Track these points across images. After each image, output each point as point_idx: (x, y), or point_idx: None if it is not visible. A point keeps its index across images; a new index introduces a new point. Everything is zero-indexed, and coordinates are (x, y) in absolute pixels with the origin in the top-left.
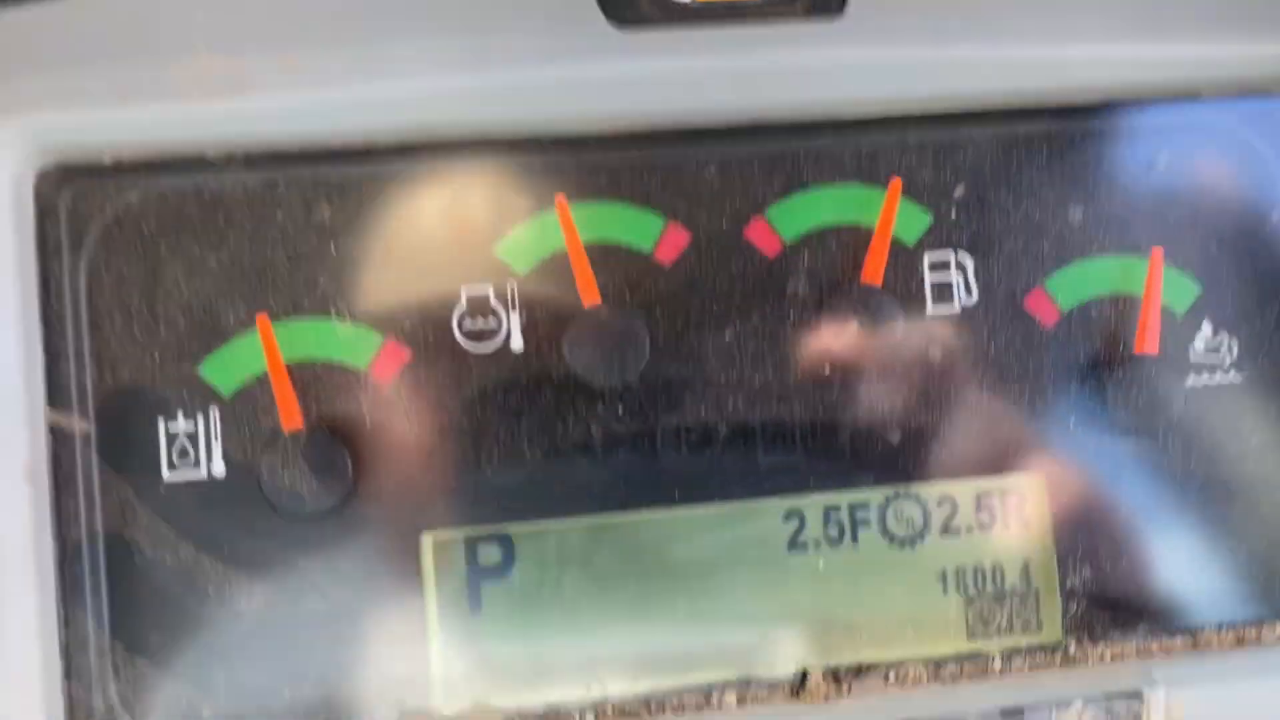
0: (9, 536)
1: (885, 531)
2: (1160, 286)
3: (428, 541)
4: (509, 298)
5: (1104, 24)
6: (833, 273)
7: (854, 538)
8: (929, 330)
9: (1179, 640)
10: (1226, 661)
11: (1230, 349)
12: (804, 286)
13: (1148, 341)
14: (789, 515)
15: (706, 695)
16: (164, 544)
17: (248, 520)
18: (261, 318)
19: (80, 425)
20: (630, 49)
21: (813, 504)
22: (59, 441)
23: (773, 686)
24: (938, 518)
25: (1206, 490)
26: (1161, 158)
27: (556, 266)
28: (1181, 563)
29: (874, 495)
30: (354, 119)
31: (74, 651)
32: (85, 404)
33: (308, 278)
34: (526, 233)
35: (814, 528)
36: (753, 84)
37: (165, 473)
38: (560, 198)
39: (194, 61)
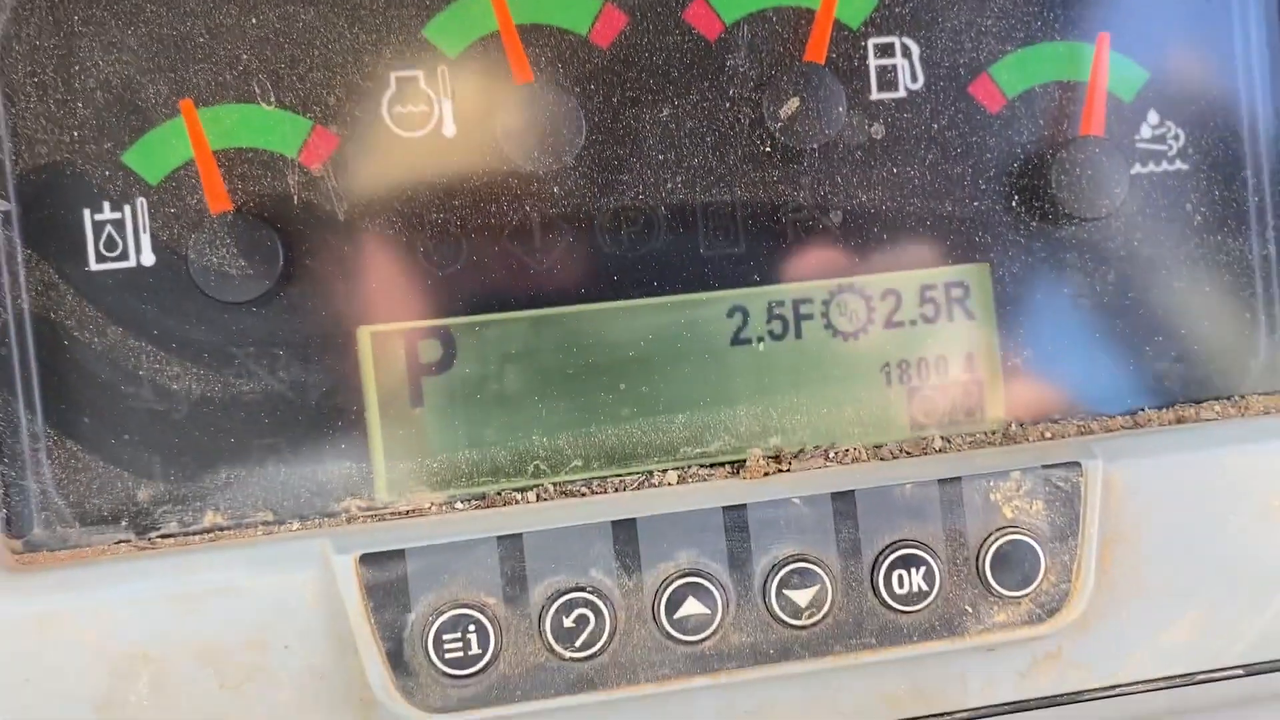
0: None
1: (828, 324)
2: (1106, 71)
3: (364, 335)
4: (440, 81)
5: None
6: (773, 53)
7: (798, 333)
8: (874, 114)
9: (1119, 419)
10: (1164, 437)
11: (1176, 137)
12: (744, 64)
13: (1094, 124)
14: (732, 310)
15: (647, 475)
16: (94, 330)
17: (180, 307)
18: (186, 104)
19: (1, 206)
20: None
21: (755, 297)
22: None
23: (714, 466)
24: (881, 309)
25: (1149, 276)
26: None
27: (488, 48)
28: (1123, 347)
29: (817, 289)
30: None
31: (4, 436)
32: (4, 182)
33: (231, 58)
34: (456, 13)
35: (757, 322)
36: None
37: (93, 263)
38: None
39: None
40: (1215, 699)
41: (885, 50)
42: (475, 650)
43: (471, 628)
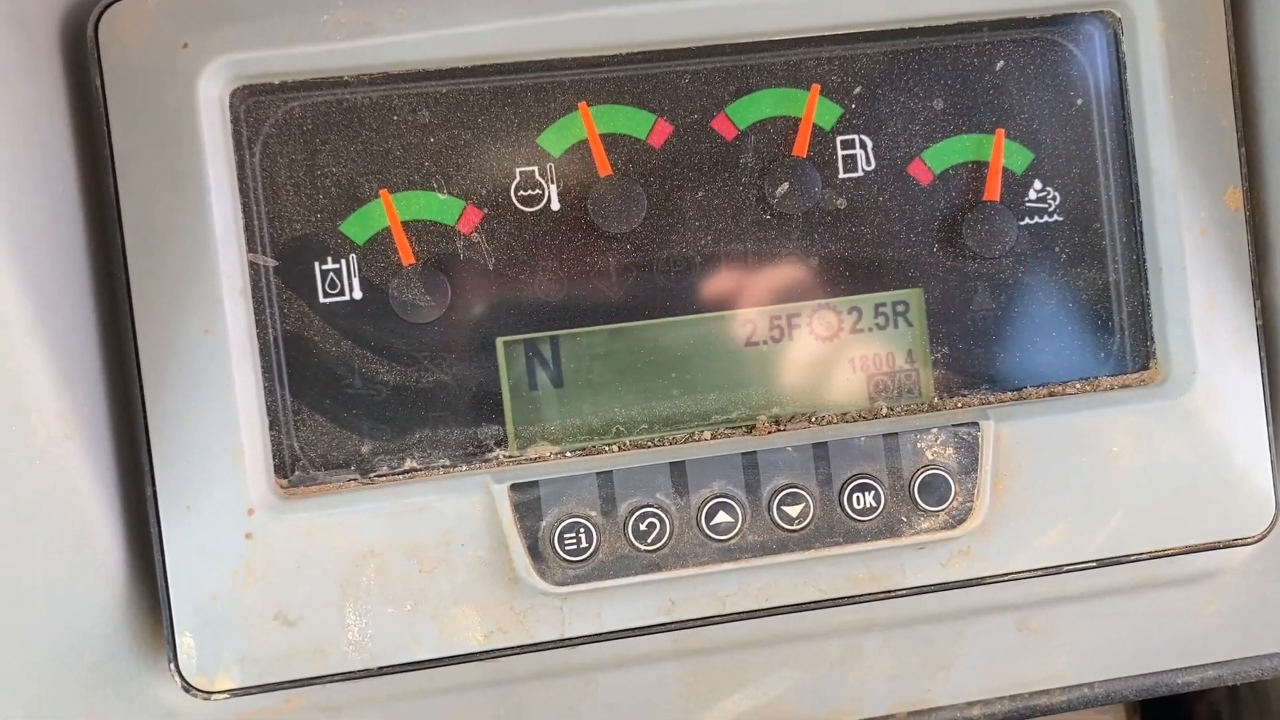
0: (234, 334)
1: (812, 332)
2: (1002, 155)
3: (500, 343)
4: (549, 173)
5: None
6: (772, 150)
7: (790, 337)
8: (840, 189)
9: (1009, 395)
10: (1039, 406)
11: (1054, 197)
12: (752, 161)
13: (993, 192)
14: (744, 322)
15: (691, 433)
16: (325, 340)
17: (381, 326)
18: (384, 192)
19: (267, 261)
20: None
21: (761, 313)
22: (256, 272)
23: (733, 428)
24: (848, 321)
25: (1032, 294)
26: (1000, 63)
27: (581, 151)
28: (1013, 345)
29: (803, 307)
30: (444, 50)
31: (272, 409)
32: (269, 247)
33: (415, 163)
34: (559, 128)
35: (761, 329)
36: (714, 16)
37: (322, 298)
38: (582, 104)
39: (335, 14)
40: (1076, 586)
41: (848, 144)
42: (584, 545)
43: (581, 531)
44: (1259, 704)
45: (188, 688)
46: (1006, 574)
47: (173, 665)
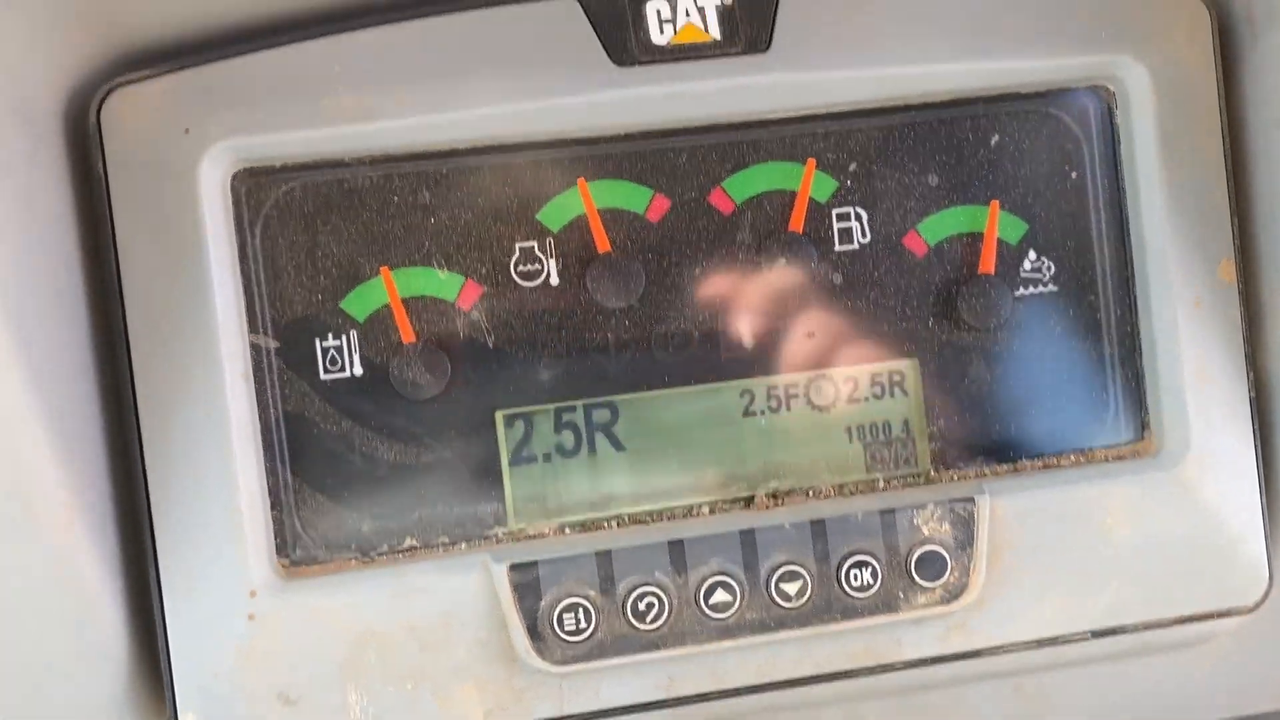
0: (236, 416)
1: (809, 402)
2: (997, 227)
3: (499, 416)
4: (548, 248)
5: (952, 49)
6: (769, 224)
7: (788, 407)
8: (836, 262)
9: (1004, 468)
10: (1034, 479)
11: (1049, 269)
12: (749, 235)
13: (988, 265)
14: (743, 393)
15: (690, 508)
16: (325, 418)
17: (381, 403)
18: (384, 269)
19: (269, 342)
20: (627, 79)
21: (759, 384)
22: (257, 353)
23: (733, 503)
24: (844, 391)
25: (1026, 365)
26: (995, 137)
27: (579, 226)
28: (1008, 416)
29: (801, 378)
30: (443, 133)
31: (274, 489)
32: (270, 328)
33: (415, 240)
34: (558, 204)
35: (760, 400)
36: (711, 98)
37: (322, 374)
38: (581, 180)
39: (336, 99)
40: (1072, 655)
41: (844, 217)
42: (583, 625)
43: (580, 610)
44: None
45: None
46: (1002, 645)
47: None
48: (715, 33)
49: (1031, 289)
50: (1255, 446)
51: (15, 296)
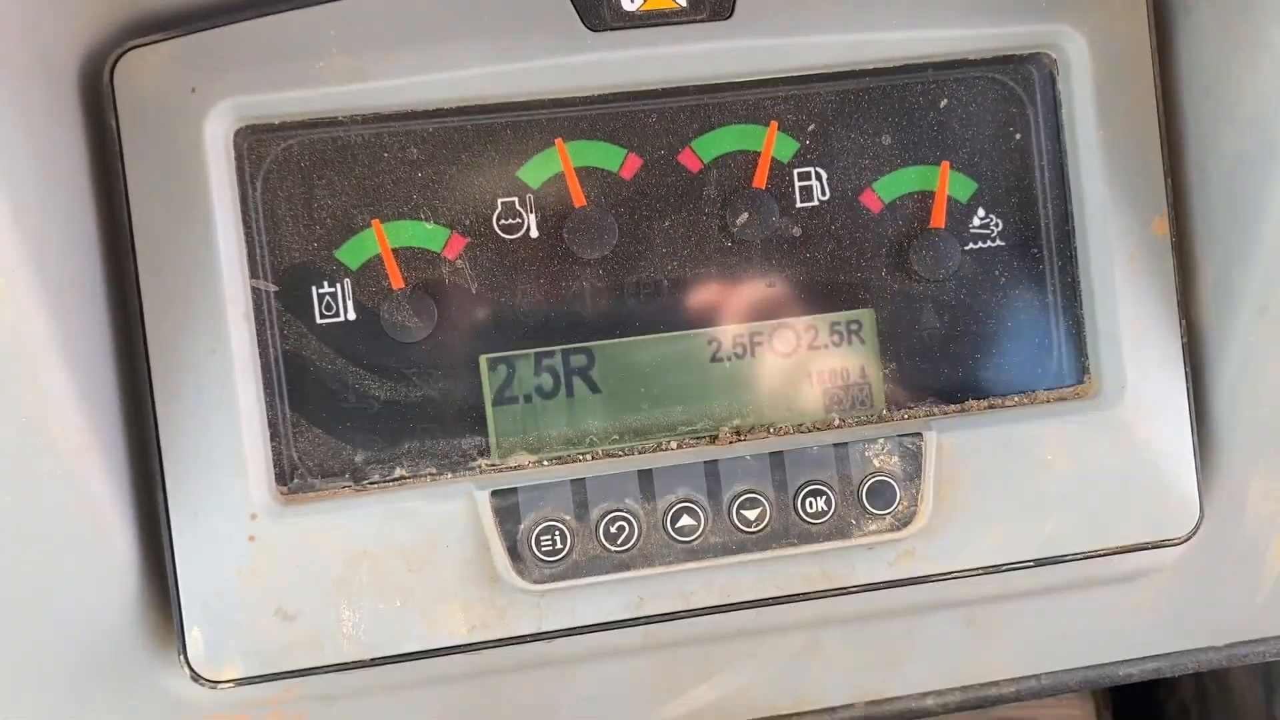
0: (238, 353)
1: (772, 348)
2: (947, 185)
3: (483, 360)
4: (528, 204)
5: (903, 17)
6: (734, 182)
7: (752, 353)
8: (797, 218)
9: (953, 408)
10: (980, 418)
11: (995, 224)
12: (715, 192)
13: (939, 220)
14: (709, 340)
15: (659, 444)
16: (321, 358)
17: (373, 345)
18: (375, 221)
19: (268, 287)
20: (599, 44)
21: (724, 332)
22: (258, 297)
23: (697, 438)
24: (805, 339)
25: (974, 313)
26: (944, 101)
27: (557, 183)
28: (958, 362)
29: (764, 326)
30: (430, 93)
31: (273, 422)
32: (269, 273)
33: (404, 194)
34: (538, 162)
35: (725, 347)
36: (678, 61)
37: (318, 319)
38: (559, 139)
39: (330, 61)
40: (1018, 585)
41: (804, 176)
42: (559, 546)
43: (556, 533)
44: (1225, 699)
45: (196, 678)
46: (950, 572)
47: (182, 657)
48: (681, 0)
49: (980, 243)
50: (1187, 389)
51: (38, 241)
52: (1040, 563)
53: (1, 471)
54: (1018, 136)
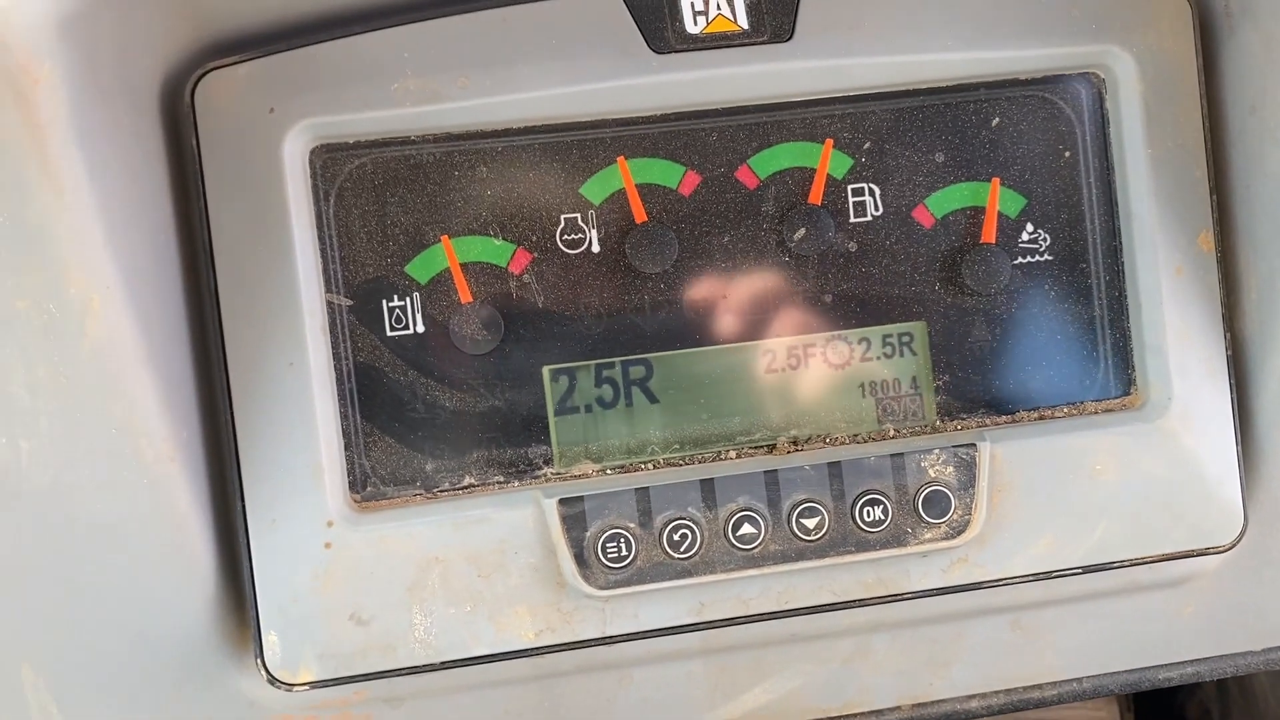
0: (315, 365)
1: (826, 360)
2: (998, 201)
3: (546, 371)
4: (590, 219)
5: (957, 39)
6: (790, 198)
7: (806, 365)
8: (852, 233)
9: (1003, 418)
10: (1030, 428)
11: (1044, 239)
12: (772, 208)
13: (989, 235)
14: (765, 352)
15: (718, 453)
16: (392, 369)
17: (441, 357)
18: (444, 237)
19: (342, 301)
20: (663, 66)
21: (780, 344)
22: (332, 310)
23: (756, 448)
24: (858, 351)
25: (1023, 326)
26: (996, 119)
27: (619, 199)
28: (1007, 373)
29: (818, 338)
30: (498, 114)
31: (347, 433)
32: (343, 288)
33: (472, 211)
34: (600, 179)
35: (780, 358)
36: (738, 82)
37: (389, 331)
38: (620, 157)
39: (404, 83)
40: (1064, 591)
41: (858, 192)
42: (624, 553)
43: (621, 540)
44: (1246, 701)
45: (272, 680)
46: (1001, 579)
47: (259, 660)
48: (743, 23)
49: (1029, 257)
50: (1231, 400)
51: (129, 259)
52: (1088, 569)
53: (92, 479)
54: (1067, 154)
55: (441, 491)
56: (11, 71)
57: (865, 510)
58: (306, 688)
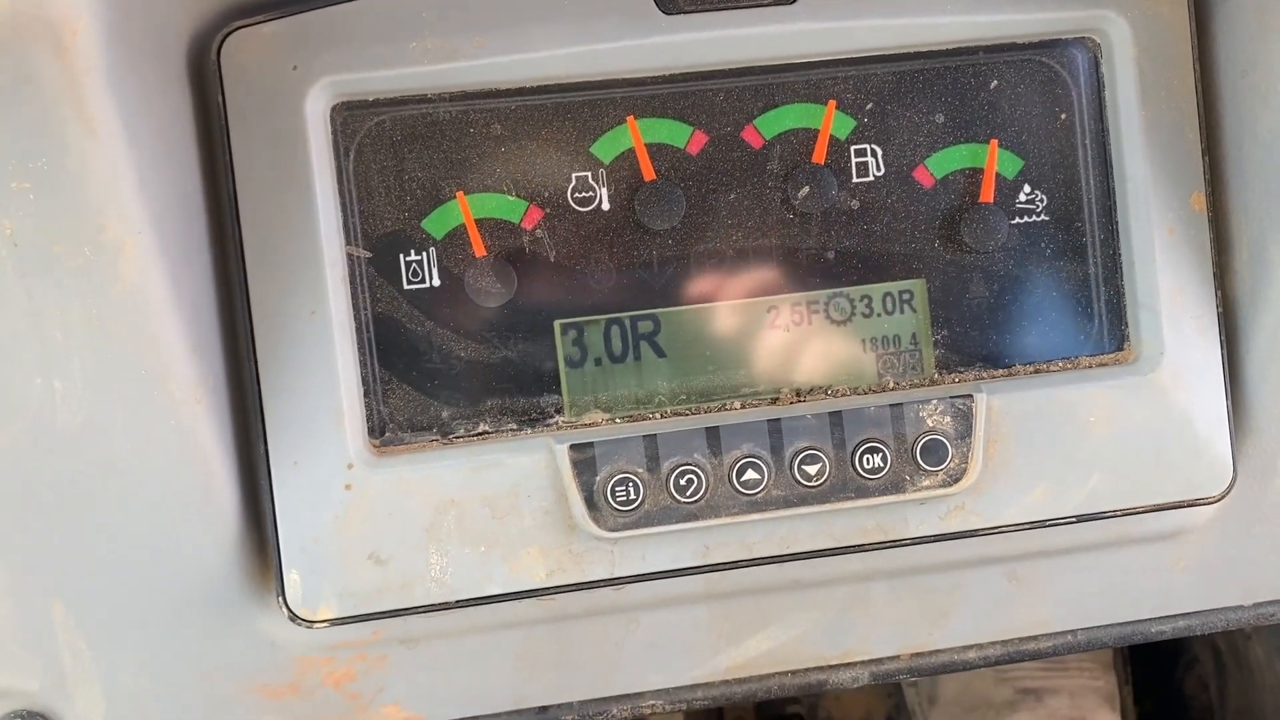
0: (336, 314)
1: (828, 317)
2: (996, 162)
3: (557, 325)
4: (600, 177)
5: (957, 3)
6: (794, 158)
7: (809, 321)
8: (854, 192)
9: (1000, 372)
10: (1026, 381)
11: (1041, 199)
12: (776, 167)
13: (987, 195)
14: (769, 308)
15: (723, 404)
16: (409, 321)
17: (456, 309)
18: (459, 193)
19: (362, 253)
20: (672, 26)
21: (784, 300)
22: (352, 262)
23: (760, 399)
24: (860, 307)
25: (1020, 283)
26: (994, 82)
27: (628, 158)
28: (1004, 329)
29: (821, 295)
30: (512, 73)
31: (366, 380)
32: (362, 241)
33: (487, 168)
34: (609, 138)
35: (784, 314)
36: (744, 43)
37: (405, 285)
38: (630, 117)
39: (422, 42)
40: (1058, 542)
41: (861, 153)
42: (632, 497)
43: (629, 485)
44: (1243, 675)
45: (293, 618)
46: (996, 527)
47: (280, 599)
48: None
49: (1026, 217)
50: (1222, 356)
51: (159, 207)
52: (1081, 518)
53: (121, 420)
54: (1063, 116)
55: (457, 437)
56: (54, 22)
57: (865, 458)
58: (326, 625)
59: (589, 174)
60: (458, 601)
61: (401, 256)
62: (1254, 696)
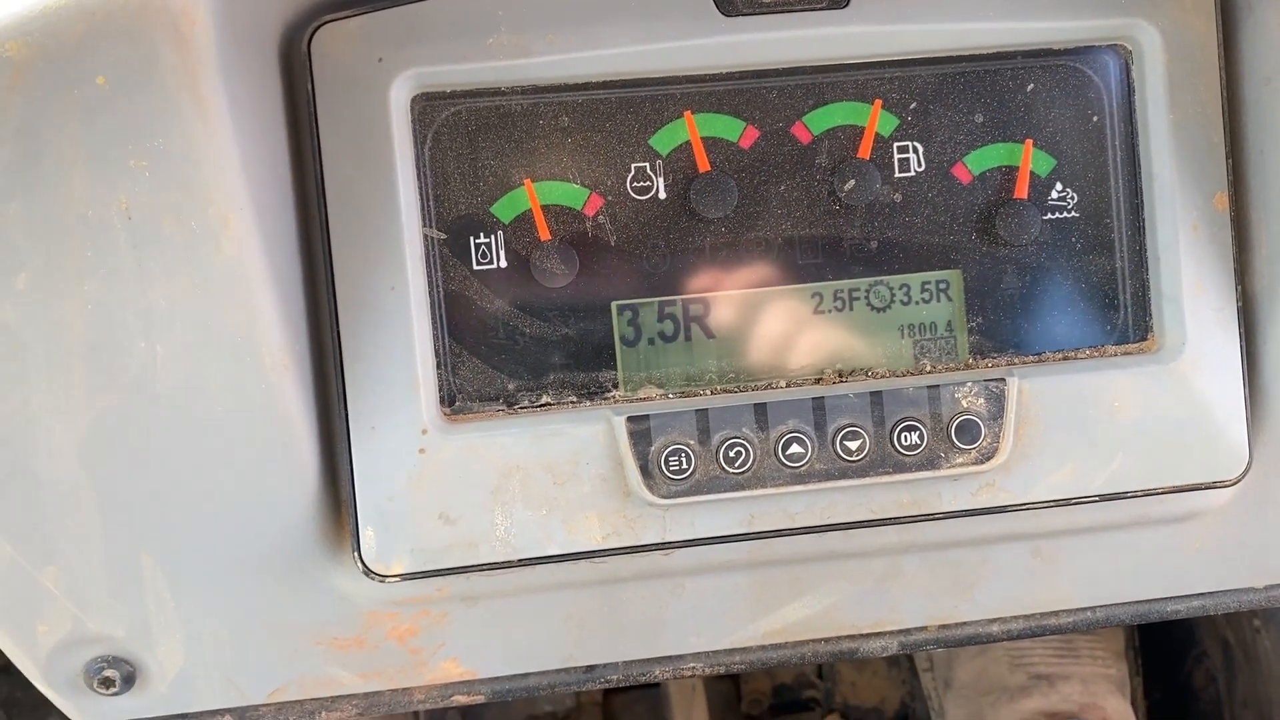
0: (414, 291)
1: (869, 304)
2: (1030, 161)
3: (613, 306)
4: (658, 168)
5: (997, 10)
6: (841, 152)
7: (851, 308)
8: (896, 186)
9: (1031, 358)
10: (1055, 367)
11: (1072, 197)
12: (824, 160)
13: (1022, 192)
14: (814, 294)
15: (769, 383)
16: (478, 298)
17: (522, 288)
18: (527, 180)
19: (438, 234)
20: (730, 27)
21: (827, 287)
22: (428, 243)
23: (804, 379)
24: (899, 295)
25: (1051, 275)
26: (1030, 85)
27: (684, 150)
28: (1035, 318)
29: (862, 283)
30: (580, 69)
31: (439, 353)
32: (437, 223)
33: (554, 157)
34: (667, 131)
35: (827, 301)
36: (796, 44)
37: (475, 266)
38: (687, 112)
39: (498, 38)
40: (1082, 520)
41: (903, 149)
42: (684, 467)
43: (682, 455)
44: (1252, 669)
45: (367, 572)
46: (1025, 504)
47: (356, 554)
48: None
49: (1057, 214)
50: (1240, 349)
51: (257, 186)
52: (1104, 498)
53: (216, 383)
54: (1094, 118)
55: (522, 408)
56: (175, 15)
57: (903, 435)
58: (398, 579)
59: (647, 165)
60: (520, 560)
61: (472, 239)
62: (1262, 689)
